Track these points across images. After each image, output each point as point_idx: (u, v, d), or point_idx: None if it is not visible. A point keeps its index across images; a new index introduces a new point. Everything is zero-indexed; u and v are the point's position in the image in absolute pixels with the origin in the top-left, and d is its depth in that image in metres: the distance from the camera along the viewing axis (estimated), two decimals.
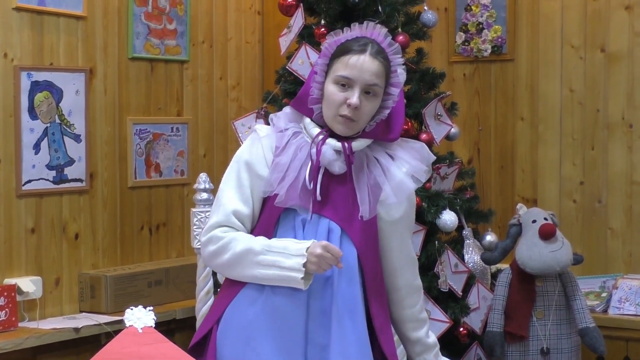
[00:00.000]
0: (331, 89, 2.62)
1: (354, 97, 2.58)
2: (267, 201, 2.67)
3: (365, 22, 2.69)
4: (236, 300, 2.66)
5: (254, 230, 2.69)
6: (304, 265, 2.53)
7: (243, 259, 2.60)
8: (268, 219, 2.66)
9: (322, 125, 2.68)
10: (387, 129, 2.69)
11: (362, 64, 2.59)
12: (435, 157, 2.85)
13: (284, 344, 2.58)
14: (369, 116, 2.65)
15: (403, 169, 2.70)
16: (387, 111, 2.67)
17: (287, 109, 2.76)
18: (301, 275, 2.53)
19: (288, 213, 2.65)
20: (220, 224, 2.66)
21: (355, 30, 2.65)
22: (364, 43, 2.62)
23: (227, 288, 2.71)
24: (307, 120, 2.68)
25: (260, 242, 2.61)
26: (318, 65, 2.66)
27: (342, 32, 2.67)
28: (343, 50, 2.62)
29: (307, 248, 2.54)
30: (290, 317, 2.59)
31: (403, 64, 2.68)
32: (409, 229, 2.83)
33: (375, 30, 2.66)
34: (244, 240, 2.62)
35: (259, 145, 2.69)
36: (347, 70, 2.60)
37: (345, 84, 2.60)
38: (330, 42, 2.65)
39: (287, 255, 2.56)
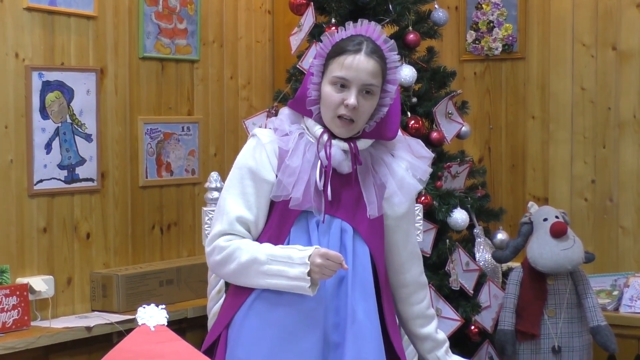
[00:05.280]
0: (328, 90, 2.60)
1: (352, 98, 2.57)
2: (276, 205, 2.65)
3: (360, 20, 2.66)
4: (252, 302, 2.64)
5: (264, 235, 2.66)
6: (308, 273, 2.53)
7: (249, 269, 2.59)
8: (281, 222, 2.64)
9: (322, 125, 2.67)
10: (385, 128, 2.69)
11: (358, 64, 2.57)
12: (433, 154, 2.85)
13: (305, 346, 2.58)
14: (368, 115, 2.63)
15: (402, 165, 2.71)
16: (386, 109, 2.65)
17: (285, 110, 2.74)
18: (308, 284, 2.53)
19: (301, 216, 2.64)
20: (224, 232, 2.64)
21: (349, 29, 2.63)
22: (359, 42, 2.60)
23: (237, 292, 2.69)
24: (310, 120, 2.67)
25: (264, 250, 2.58)
26: (314, 66, 2.63)
27: (337, 31, 2.65)
28: (338, 50, 2.60)
29: (309, 256, 2.53)
30: (311, 318, 2.59)
31: (399, 60, 2.67)
32: (412, 223, 2.85)
33: (370, 28, 2.63)
34: (248, 250, 2.60)
35: (263, 150, 2.66)
36: (343, 71, 2.58)
37: (342, 84, 2.58)
38: (326, 42, 2.63)
39: (291, 264, 2.54)
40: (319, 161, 2.63)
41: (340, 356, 2.60)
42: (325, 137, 2.62)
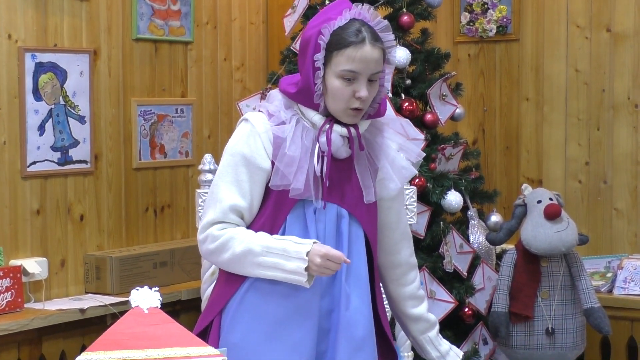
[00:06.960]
0: (337, 84, 2.56)
1: (363, 90, 2.55)
2: (272, 193, 2.62)
3: (354, 4, 2.62)
4: (245, 292, 2.63)
5: (257, 221, 2.64)
6: (306, 269, 2.52)
7: (243, 259, 2.57)
8: (277, 209, 2.62)
9: (323, 114, 2.64)
10: (380, 105, 2.69)
11: (366, 55, 2.54)
12: (422, 136, 2.84)
13: (299, 335, 2.58)
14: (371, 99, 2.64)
15: (393, 146, 2.71)
16: (384, 89, 2.66)
17: (279, 96, 2.68)
18: (305, 279, 2.53)
19: (297, 204, 2.62)
20: (217, 220, 2.61)
21: (346, 15, 2.58)
22: (358, 30, 2.56)
23: (229, 279, 2.67)
24: (305, 108, 2.64)
25: (258, 241, 2.56)
26: (319, 60, 2.57)
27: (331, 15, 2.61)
28: (341, 42, 2.56)
29: (308, 252, 2.52)
30: (306, 308, 2.59)
31: (394, 40, 2.64)
32: (403, 203, 2.86)
33: (363, 11, 2.59)
34: (242, 240, 2.57)
35: (257, 137, 2.61)
36: (353, 64, 2.54)
37: (351, 77, 2.56)
38: (325, 33, 2.56)
39: (287, 257, 2.53)
40: (317, 147, 2.61)
41: (334, 342, 2.60)
42: (327, 125, 2.61)
